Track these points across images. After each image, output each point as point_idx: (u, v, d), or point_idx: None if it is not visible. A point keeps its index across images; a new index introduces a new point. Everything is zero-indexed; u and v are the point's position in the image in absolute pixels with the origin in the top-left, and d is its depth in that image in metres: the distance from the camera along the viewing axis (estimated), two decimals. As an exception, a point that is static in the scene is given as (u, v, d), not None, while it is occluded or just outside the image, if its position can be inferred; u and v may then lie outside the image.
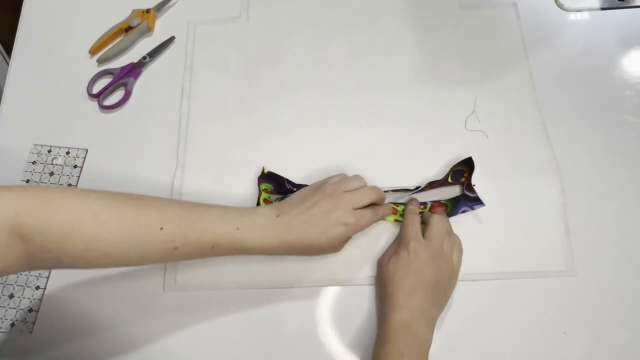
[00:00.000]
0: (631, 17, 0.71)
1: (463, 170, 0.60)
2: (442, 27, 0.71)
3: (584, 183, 0.61)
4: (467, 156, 0.60)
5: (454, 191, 0.61)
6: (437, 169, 0.62)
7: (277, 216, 0.52)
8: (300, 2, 0.74)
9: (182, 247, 0.48)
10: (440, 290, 0.53)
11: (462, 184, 0.60)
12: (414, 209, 0.58)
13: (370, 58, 0.70)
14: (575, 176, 0.61)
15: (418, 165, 0.63)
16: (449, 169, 0.61)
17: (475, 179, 0.60)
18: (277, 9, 0.74)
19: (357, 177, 0.57)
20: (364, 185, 0.56)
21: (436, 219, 0.56)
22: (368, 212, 0.54)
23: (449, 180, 0.60)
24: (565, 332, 0.54)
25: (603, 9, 0.72)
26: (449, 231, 0.57)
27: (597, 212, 0.60)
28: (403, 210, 0.58)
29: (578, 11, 0.72)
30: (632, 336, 0.54)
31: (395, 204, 0.59)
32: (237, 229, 0.50)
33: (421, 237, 0.54)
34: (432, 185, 0.60)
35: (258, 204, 0.59)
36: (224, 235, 0.49)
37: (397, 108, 0.66)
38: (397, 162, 0.63)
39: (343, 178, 0.56)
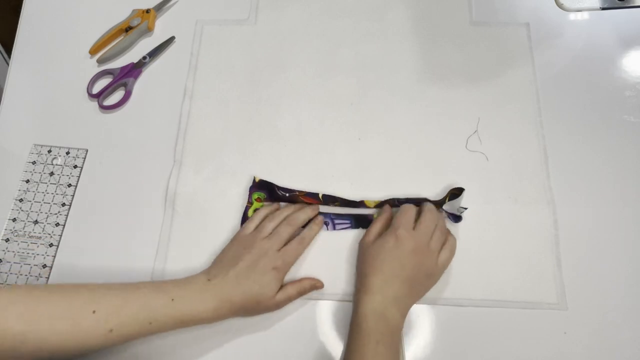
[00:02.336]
0: (631, 17, 0.71)
1: (458, 194, 0.60)
2: (451, 43, 0.70)
3: (579, 216, 0.60)
4: (464, 182, 0.61)
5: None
6: (434, 187, 0.62)
7: (209, 280, 0.52)
8: (309, 9, 0.73)
9: (117, 329, 0.47)
10: (418, 284, 0.54)
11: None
12: (410, 205, 0.58)
13: (375, 70, 0.69)
14: (570, 209, 0.60)
15: (415, 182, 0.62)
16: (447, 191, 0.60)
17: (470, 202, 0.60)
18: (286, 14, 0.73)
19: (270, 218, 0.57)
20: (279, 223, 0.57)
21: (428, 214, 0.56)
22: (293, 246, 0.55)
23: (447, 202, 0.60)
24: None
25: (603, 9, 0.72)
26: (442, 228, 0.56)
27: (590, 246, 0.59)
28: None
29: (578, 11, 0.72)
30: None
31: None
32: (172, 299, 0.49)
33: (412, 227, 0.54)
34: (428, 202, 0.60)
35: (245, 217, 0.60)
36: (160, 308, 0.49)
37: (399, 122, 0.66)
38: (394, 177, 0.63)
39: (259, 227, 0.57)
